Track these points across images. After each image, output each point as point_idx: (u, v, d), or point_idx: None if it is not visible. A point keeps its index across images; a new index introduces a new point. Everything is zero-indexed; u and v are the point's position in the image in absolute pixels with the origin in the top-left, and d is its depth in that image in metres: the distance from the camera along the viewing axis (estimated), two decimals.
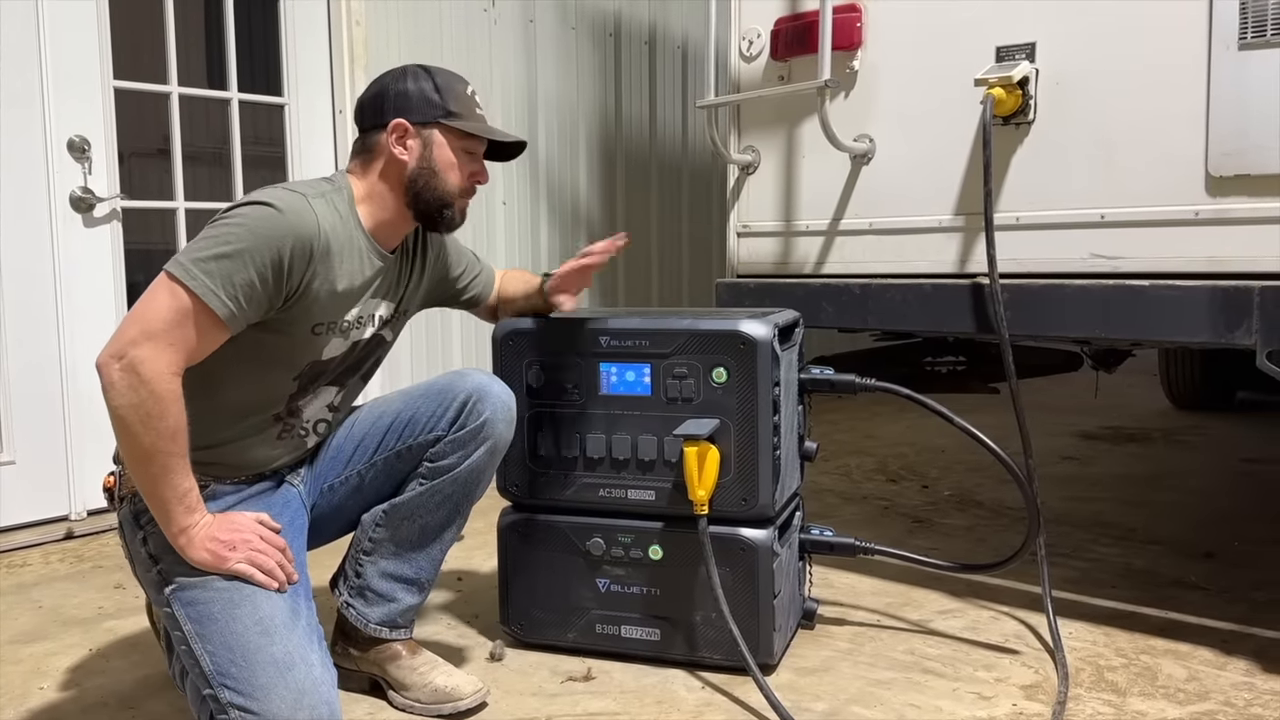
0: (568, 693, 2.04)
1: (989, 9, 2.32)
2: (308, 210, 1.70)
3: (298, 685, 1.56)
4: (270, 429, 1.83)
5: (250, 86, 3.68)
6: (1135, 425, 4.99)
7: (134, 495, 1.73)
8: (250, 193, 1.72)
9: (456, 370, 2.02)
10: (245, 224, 1.63)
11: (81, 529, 3.22)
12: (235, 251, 1.61)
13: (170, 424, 1.57)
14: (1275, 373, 1.89)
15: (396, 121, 1.81)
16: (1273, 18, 1.95)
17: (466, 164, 1.87)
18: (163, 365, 1.56)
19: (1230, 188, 2.03)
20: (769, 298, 2.63)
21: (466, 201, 1.90)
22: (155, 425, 1.56)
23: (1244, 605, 2.46)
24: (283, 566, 1.68)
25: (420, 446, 1.94)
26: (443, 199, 1.85)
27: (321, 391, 1.89)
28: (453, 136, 1.84)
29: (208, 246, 1.62)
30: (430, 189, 1.83)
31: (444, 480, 1.93)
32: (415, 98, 1.82)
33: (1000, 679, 2.08)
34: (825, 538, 2.30)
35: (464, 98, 1.86)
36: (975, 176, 2.32)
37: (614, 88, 4.95)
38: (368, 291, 1.85)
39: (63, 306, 3.18)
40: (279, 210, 1.66)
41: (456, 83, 1.88)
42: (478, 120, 1.88)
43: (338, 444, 1.99)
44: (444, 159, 1.83)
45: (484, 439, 1.93)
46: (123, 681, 2.13)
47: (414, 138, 1.82)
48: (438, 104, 1.82)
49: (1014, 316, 2.22)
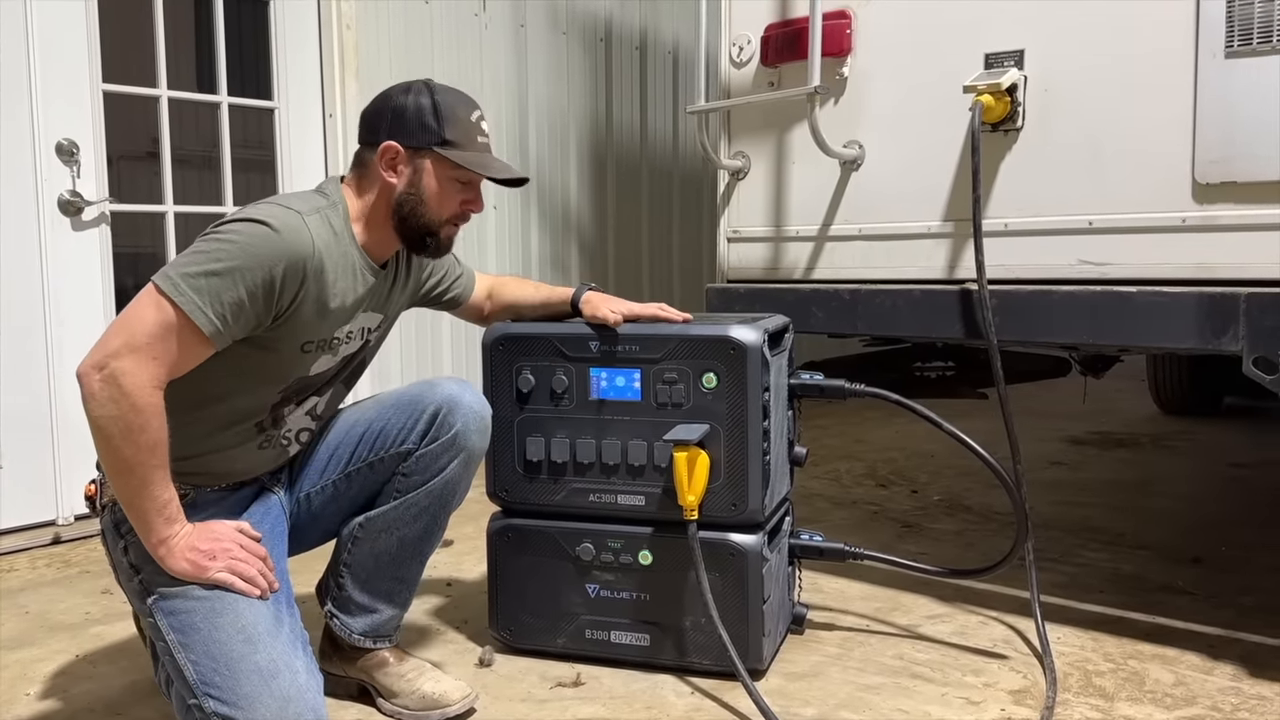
0: (557, 698, 2.04)
1: (978, 16, 2.34)
2: (303, 229, 1.67)
3: (282, 693, 1.55)
4: (253, 438, 1.81)
5: (240, 90, 3.68)
6: (1124, 430, 5.01)
7: (115, 504, 1.72)
8: (245, 206, 1.70)
9: (428, 380, 2.00)
10: (239, 242, 1.61)
11: (69, 534, 3.21)
12: (226, 269, 1.59)
13: (151, 437, 1.55)
14: (1261, 379, 1.90)
15: (387, 144, 1.77)
16: (1259, 26, 1.96)
17: (458, 193, 1.82)
18: (145, 378, 1.54)
19: (1217, 195, 2.04)
20: (759, 303, 2.63)
21: (455, 229, 1.86)
22: (135, 438, 1.54)
23: (1231, 610, 2.47)
24: (263, 574, 1.67)
25: (392, 459, 1.93)
26: (427, 227, 1.81)
27: (305, 400, 1.88)
28: (445, 166, 1.78)
29: (198, 261, 1.59)
30: (415, 215, 1.79)
31: (418, 493, 1.92)
32: (411, 120, 1.77)
33: (989, 684, 2.08)
34: (814, 543, 2.30)
35: (465, 124, 1.79)
36: (964, 183, 2.32)
37: (605, 92, 4.95)
38: (360, 308, 1.83)
39: (50, 310, 3.17)
40: (274, 229, 1.63)
41: (460, 107, 1.81)
42: (477, 149, 1.81)
43: (314, 453, 1.98)
44: (432, 188, 1.78)
45: (456, 451, 1.92)
46: (110, 687, 2.12)
47: (404, 163, 1.77)
48: (433, 130, 1.76)
49: (1002, 322, 2.23)
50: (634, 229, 5.13)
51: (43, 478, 3.20)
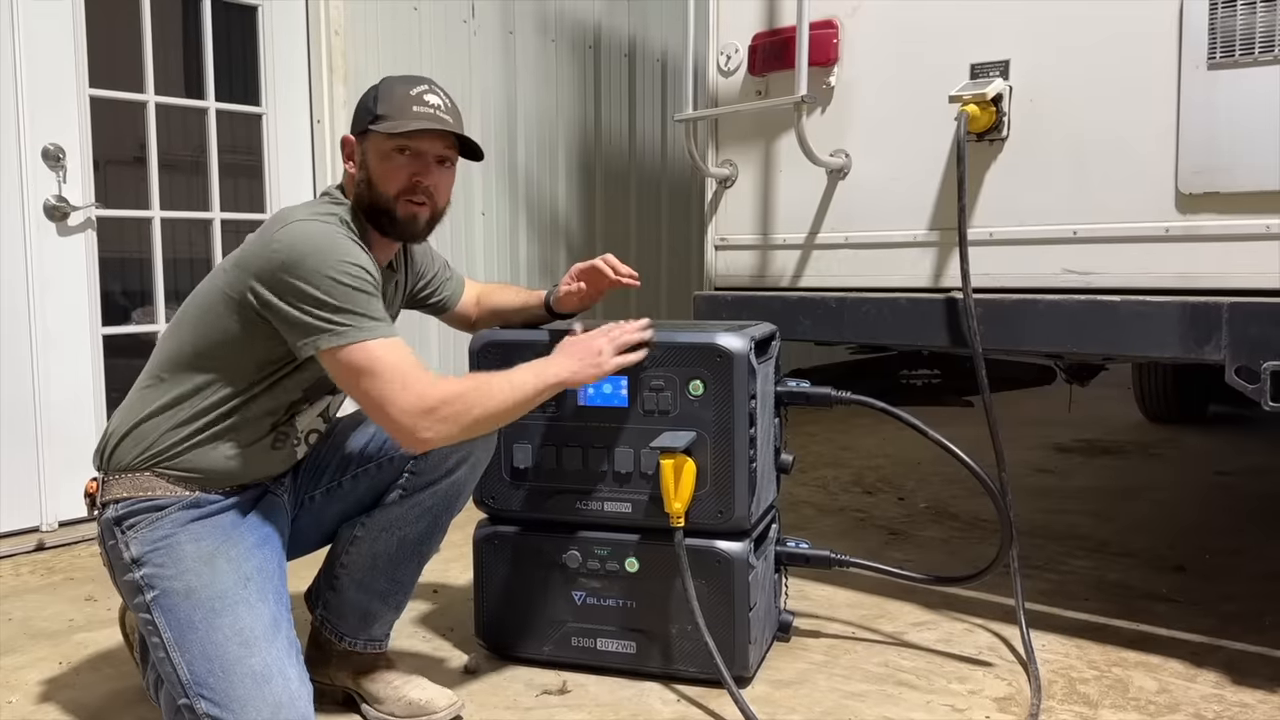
0: (543, 706, 2.04)
1: (964, 26, 2.35)
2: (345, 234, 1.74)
3: (275, 699, 1.55)
4: (266, 437, 1.81)
5: (228, 95, 3.67)
6: (1109, 438, 5.04)
7: (116, 501, 1.72)
8: (289, 221, 1.72)
9: None
10: (331, 266, 1.66)
11: (53, 540, 3.19)
12: (347, 291, 1.65)
13: (477, 394, 1.71)
14: (1244, 388, 1.91)
15: (344, 137, 1.84)
16: (1242, 38, 1.98)
17: (403, 166, 1.80)
18: (425, 385, 1.65)
19: (1200, 205, 2.06)
20: (746, 310, 2.64)
21: (413, 206, 1.82)
22: (480, 405, 1.70)
23: (1214, 617, 2.49)
24: (641, 329, 1.95)
25: (401, 459, 1.93)
26: (383, 205, 1.81)
27: (319, 400, 1.88)
28: (379, 139, 1.79)
29: (325, 305, 1.64)
30: (371, 197, 1.81)
31: (425, 494, 1.93)
32: (359, 110, 1.83)
33: (974, 691, 2.09)
34: (801, 550, 2.31)
35: (401, 98, 1.79)
36: (950, 192, 2.34)
37: (593, 99, 4.96)
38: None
39: (35, 315, 3.15)
40: (340, 240, 1.70)
41: (400, 84, 1.82)
42: (412, 118, 1.78)
43: (320, 454, 1.98)
44: (376, 165, 1.80)
45: (465, 454, 1.93)
46: (93, 695, 2.11)
47: (355, 150, 1.83)
48: (370, 109, 1.80)
49: (987, 330, 2.24)
50: (622, 236, 5.13)
51: (27, 484, 3.18)
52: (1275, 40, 1.94)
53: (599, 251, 2.13)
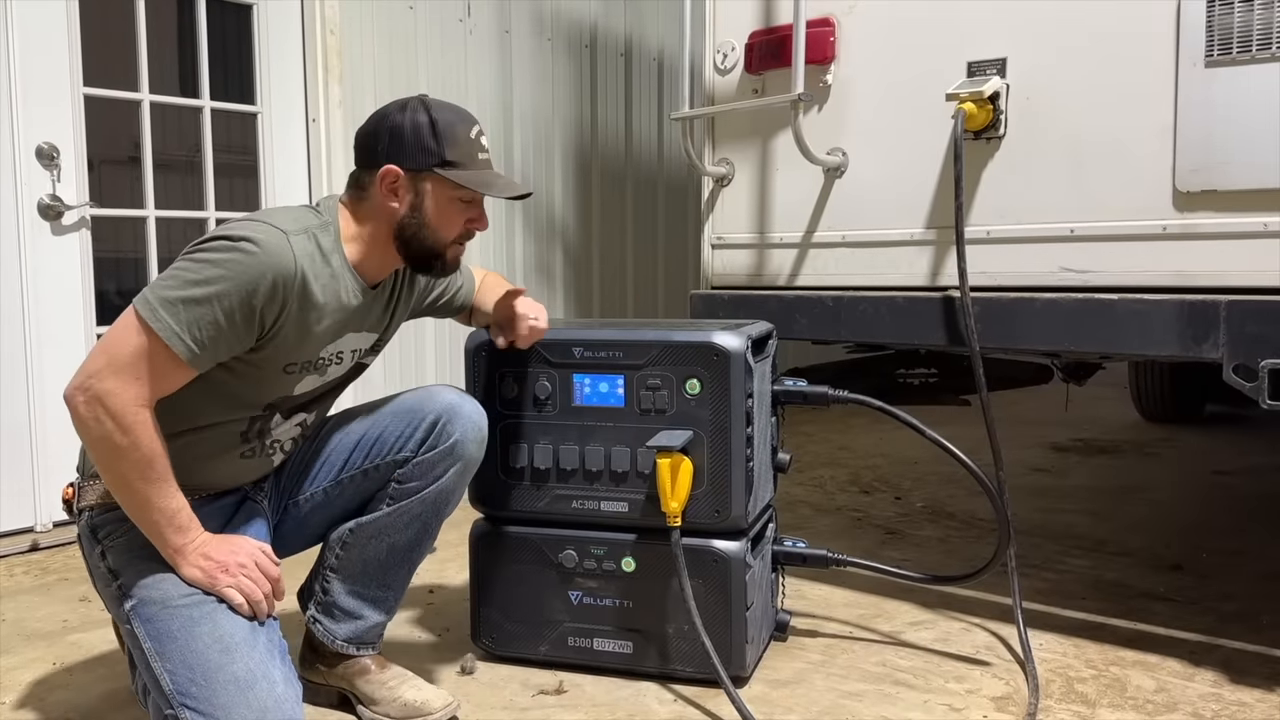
0: (539, 706, 2.03)
1: (961, 24, 2.35)
2: (286, 249, 1.63)
3: (259, 704, 1.54)
4: (235, 448, 1.79)
5: (223, 94, 3.66)
6: (1106, 437, 5.04)
7: (92, 508, 1.71)
8: (232, 221, 1.67)
9: (426, 388, 1.99)
10: (218, 261, 1.58)
11: (47, 540, 3.18)
12: (204, 295, 1.57)
13: (143, 453, 1.56)
14: (1242, 386, 1.91)
15: (387, 169, 1.73)
16: (1239, 35, 1.98)
17: (461, 213, 1.79)
18: (129, 398, 1.54)
19: (1197, 203, 2.06)
20: (743, 309, 2.63)
21: (461, 249, 1.84)
22: (128, 455, 1.55)
23: (1211, 616, 2.48)
24: (269, 599, 1.66)
25: (388, 466, 1.92)
26: (433, 249, 1.79)
27: (293, 415, 1.86)
28: (447, 187, 1.75)
29: (177, 286, 1.57)
30: (419, 239, 1.77)
31: (412, 501, 1.91)
32: (410, 141, 1.72)
33: (971, 690, 2.09)
34: (798, 549, 2.30)
35: (465, 143, 1.75)
36: (946, 190, 2.33)
37: (589, 99, 4.95)
38: (347, 329, 1.81)
39: (29, 315, 3.14)
40: (257, 248, 1.60)
41: (460, 125, 1.76)
42: (479, 166, 1.77)
43: (303, 459, 1.96)
44: (435, 210, 1.75)
45: (454, 460, 1.91)
46: (87, 696, 2.10)
47: (405, 187, 1.74)
48: (433, 151, 1.72)
49: (984, 329, 2.24)
50: (619, 235, 5.12)
51: (21, 484, 3.17)
52: (1273, 38, 1.94)
53: (595, 251, 2.12)
